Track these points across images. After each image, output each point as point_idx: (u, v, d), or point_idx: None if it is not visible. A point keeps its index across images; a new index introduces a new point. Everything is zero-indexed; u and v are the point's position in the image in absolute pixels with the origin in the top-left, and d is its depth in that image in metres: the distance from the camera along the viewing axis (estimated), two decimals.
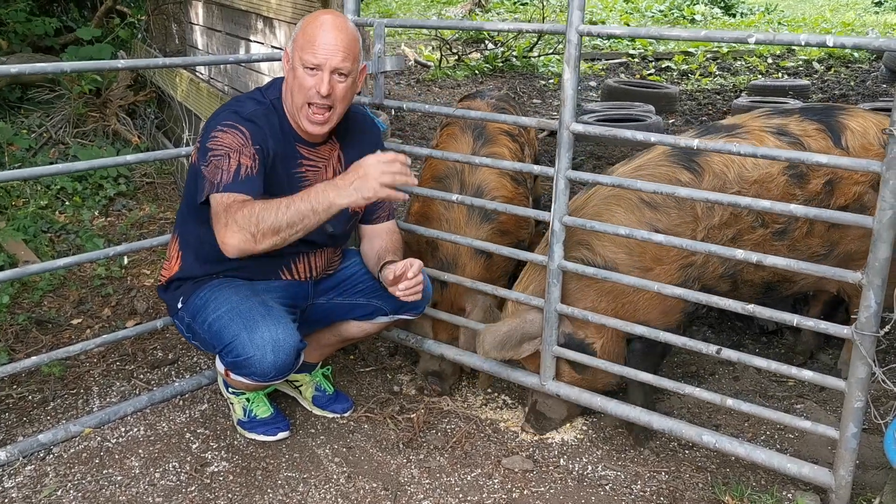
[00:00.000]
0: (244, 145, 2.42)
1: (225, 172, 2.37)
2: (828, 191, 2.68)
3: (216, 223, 2.34)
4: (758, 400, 3.16)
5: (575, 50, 2.50)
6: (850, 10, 17.89)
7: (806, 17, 16.92)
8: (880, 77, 10.42)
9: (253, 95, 2.61)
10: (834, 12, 17.66)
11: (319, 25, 2.43)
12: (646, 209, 2.68)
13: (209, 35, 4.73)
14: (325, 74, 2.41)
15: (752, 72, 11.24)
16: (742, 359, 2.43)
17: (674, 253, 2.66)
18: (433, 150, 3.12)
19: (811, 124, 2.74)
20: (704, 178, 2.65)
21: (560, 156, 2.60)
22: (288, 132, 2.55)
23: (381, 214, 2.82)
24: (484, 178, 3.26)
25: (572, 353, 2.77)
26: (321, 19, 2.45)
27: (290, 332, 2.46)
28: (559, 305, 2.72)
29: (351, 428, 2.93)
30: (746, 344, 3.65)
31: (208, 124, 2.51)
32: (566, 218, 2.64)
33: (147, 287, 4.01)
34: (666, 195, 2.56)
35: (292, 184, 2.54)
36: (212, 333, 2.51)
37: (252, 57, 2.94)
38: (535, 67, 11.30)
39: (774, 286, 2.86)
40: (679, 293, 2.48)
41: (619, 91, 8.75)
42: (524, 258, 2.81)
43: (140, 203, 5.13)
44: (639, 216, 2.68)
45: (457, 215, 3.23)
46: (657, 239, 2.50)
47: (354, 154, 2.67)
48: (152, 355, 3.40)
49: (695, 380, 3.35)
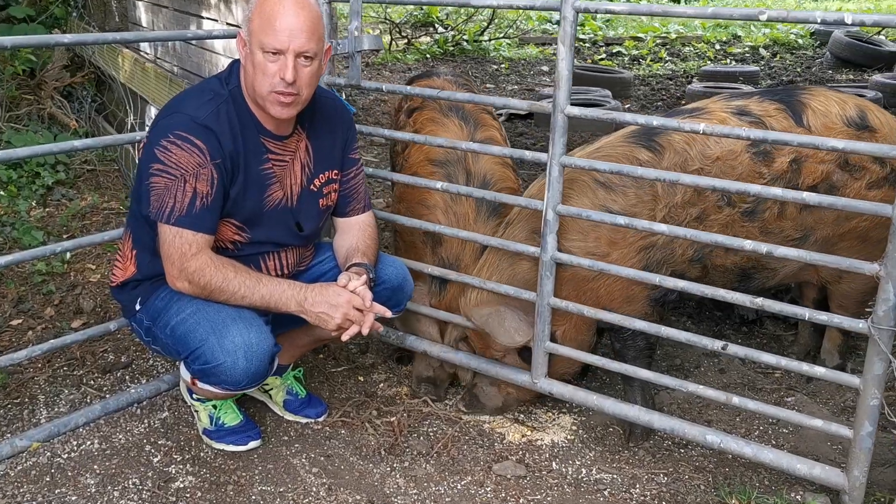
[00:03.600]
0: (201, 164, 2.19)
1: (178, 202, 2.19)
2: (794, 170, 2.61)
3: (165, 260, 2.23)
4: (747, 393, 3.05)
5: (570, 27, 2.32)
6: None
7: (748, 2, 17.11)
8: (825, 63, 10.53)
9: (211, 86, 2.34)
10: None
11: (278, 5, 2.17)
12: (600, 190, 2.59)
13: (155, 11, 4.42)
14: (288, 59, 2.17)
15: (700, 58, 11.27)
16: (750, 355, 2.29)
17: (630, 235, 2.57)
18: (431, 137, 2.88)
19: (771, 104, 2.69)
20: (665, 157, 2.57)
21: (554, 140, 2.42)
22: (250, 125, 2.31)
23: (355, 207, 2.60)
24: (489, 167, 3.05)
25: (565, 350, 2.62)
26: None
27: (264, 335, 2.24)
28: (552, 299, 2.56)
29: (327, 434, 2.73)
30: (728, 334, 3.55)
31: (160, 123, 2.26)
32: (560, 207, 2.47)
33: (93, 283, 3.72)
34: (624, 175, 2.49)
35: (260, 185, 2.33)
36: (175, 338, 2.28)
37: (213, 33, 2.68)
38: (486, 52, 11.14)
39: (750, 274, 2.75)
40: (682, 286, 2.34)
41: (573, 76, 8.63)
42: (514, 249, 2.63)
43: (81, 192, 4.79)
44: (592, 198, 2.58)
45: (465, 209, 2.98)
46: (660, 229, 2.35)
47: (325, 143, 2.46)
48: (103, 358, 3.13)
49: (680, 373, 3.23)
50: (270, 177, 2.36)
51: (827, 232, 2.72)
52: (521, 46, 11.80)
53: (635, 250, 2.59)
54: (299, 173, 2.42)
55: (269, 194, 2.36)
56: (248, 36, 2.23)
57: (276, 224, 2.40)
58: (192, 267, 2.20)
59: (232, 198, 2.29)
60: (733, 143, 2.58)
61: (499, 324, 2.63)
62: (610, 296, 2.64)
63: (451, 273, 2.81)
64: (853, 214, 2.64)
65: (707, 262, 2.67)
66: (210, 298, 2.24)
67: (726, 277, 2.74)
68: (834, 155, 2.61)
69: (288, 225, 2.42)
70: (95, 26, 5.38)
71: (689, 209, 2.59)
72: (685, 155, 2.58)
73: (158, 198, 2.22)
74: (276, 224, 2.40)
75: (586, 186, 2.61)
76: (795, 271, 2.87)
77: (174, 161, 2.20)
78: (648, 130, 2.63)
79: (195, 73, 4.02)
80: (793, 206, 2.63)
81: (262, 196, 2.35)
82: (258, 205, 2.35)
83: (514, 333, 2.61)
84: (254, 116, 2.31)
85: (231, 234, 2.34)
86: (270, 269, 2.45)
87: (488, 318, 2.66)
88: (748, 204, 2.61)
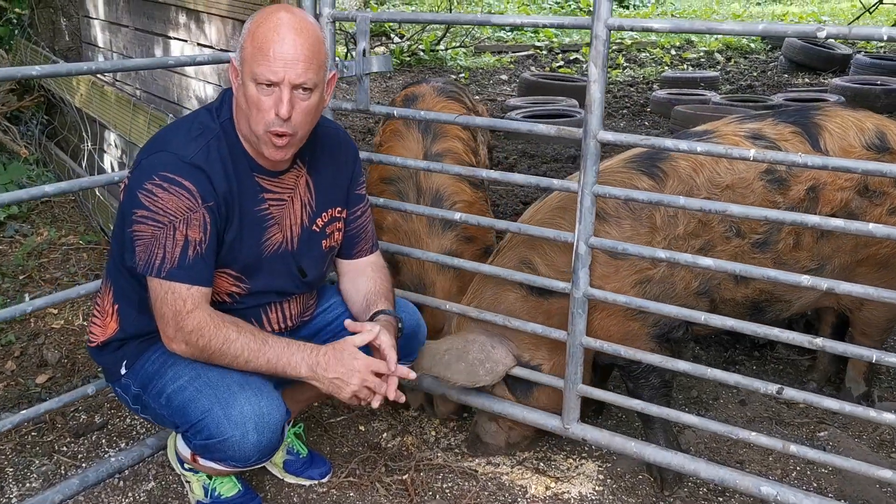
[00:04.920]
0: (192, 209, 1.93)
1: (168, 252, 1.92)
2: (811, 198, 2.49)
3: (158, 319, 1.97)
4: (776, 428, 2.88)
5: (603, 47, 2.10)
6: (734, 2, 18.36)
7: (696, 9, 17.23)
8: (780, 67, 10.58)
9: (200, 119, 2.06)
10: (720, 4, 18.07)
11: (272, 29, 1.90)
12: None
13: (113, 31, 4.10)
14: (283, 92, 1.91)
15: (657, 63, 11.24)
16: (810, 400, 2.10)
17: (623, 269, 2.41)
18: (420, 162, 2.67)
19: (787, 127, 2.55)
20: (668, 184, 2.42)
21: (585, 169, 2.21)
22: (243, 162, 2.04)
23: (363, 247, 2.34)
24: (441, 181, 2.94)
25: (600, 392, 2.41)
26: (274, 20, 1.92)
27: (275, 402, 1.98)
28: (585, 338, 2.34)
29: (335, 498, 2.46)
30: (740, 360, 3.39)
31: (143, 163, 1.98)
32: (594, 240, 2.25)
33: (56, 331, 3.38)
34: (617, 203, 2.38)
35: (257, 229, 2.07)
36: (172, 409, 2.00)
37: (197, 59, 2.39)
38: (443, 61, 10.95)
39: (763, 307, 2.60)
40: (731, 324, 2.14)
41: (536, 85, 8.51)
42: (542, 285, 2.41)
43: (36, 227, 4.42)
44: None
45: (416, 226, 2.89)
46: (705, 263, 2.14)
47: (328, 178, 2.21)
48: (74, 419, 2.82)
49: (699, 406, 3.04)
50: (268, 218, 2.09)
51: (845, 259, 2.59)
52: (477, 55, 11.64)
53: (629, 285, 2.42)
54: (299, 212, 2.16)
55: (268, 238, 2.10)
56: (240, 64, 1.96)
57: (276, 271, 2.13)
58: (188, 326, 1.93)
59: (227, 244, 2.02)
60: (745, 169, 2.44)
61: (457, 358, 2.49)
62: (605, 331, 2.46)
63: (471, 310, 2.58)
64: (872, 241, 2.53)
65: (715, 296, 2.51)
66: (210, 362, 1.97)
67: (736, 311, 2.58)
68: (853, 181, 2.49)
69: (289, 271, 2.16)
70: (44, 46, 5.00)
71: (691, 241, 2.43)
72: (691, 183, 2.42)
73: (145, 248, 1.94)
74: (276, 271, 2.13)
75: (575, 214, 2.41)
76: (813, 301, 2.72)
77: (161, 206, 1.93)
78: (651, 155, 2.47)
79: (161, 97, 3.72)
80: (809, 236, 2.49)
81: (260, 240, 2.09)
82: (256, 250, 2.08)
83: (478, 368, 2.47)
84: (246, 153, 2.05)
85: (228, 285, 2.08)
86: (273, 321, 2.18)
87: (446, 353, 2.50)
88: (760, 234, 2.46)
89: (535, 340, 2.55)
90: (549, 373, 2.55)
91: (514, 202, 5.29)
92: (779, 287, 2.52)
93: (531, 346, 2.57)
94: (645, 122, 7.72)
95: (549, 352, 2.56)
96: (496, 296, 2.59)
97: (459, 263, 2.62)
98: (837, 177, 2.47)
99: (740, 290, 2.53)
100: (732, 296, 2.53)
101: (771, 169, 2.46)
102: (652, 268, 2.41)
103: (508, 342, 2.58)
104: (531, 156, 6.42)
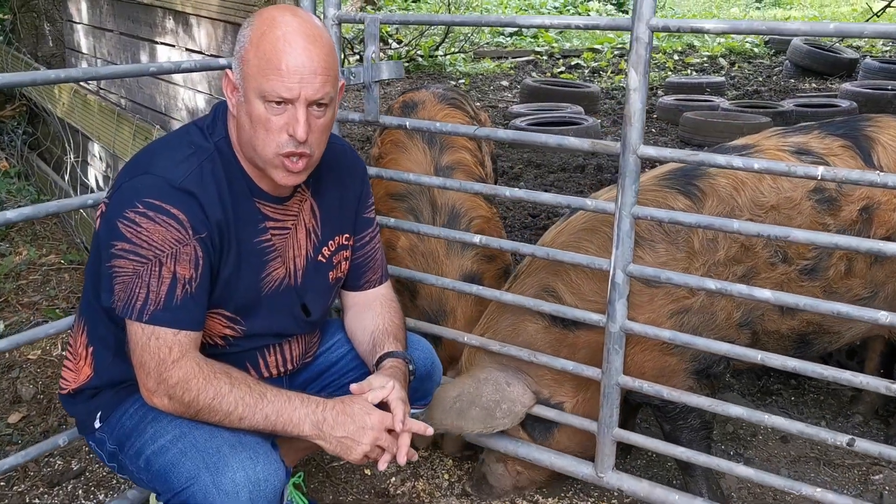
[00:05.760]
0: (181, 241, 1.65)
1: (153, 292, 1.64)
2: (865, 219, 2.26)
3: (138, 368, 1.68)
4: (824, 470, 2.61)
5: (645, 50, 1.85)
6: (733, 6, 18.19)
7: (695, 13, 17.03)
8: (785, 72, 10.36)
9: (191, 137, 1.77)
10: (720, 8, 17.90)
11: (282, 39, 1.62)
12: None
13: (97, 36, 3.83)
14: (299, 111, 1.64)
15: (660, 68, 11.00)
16: (887, 454, 1.83)
17: (659, 298, 2.18)
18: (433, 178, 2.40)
19: (835, 140, 2.33)
20: (706, 204, 2.20)
21: (624, 187, 1.94)
22: (242, 187, 1.77)
23: (371, 278, 2.06)
24: (457, 196, 2.71)
25: (637, 437, 2.15)
26: (282, 28, 1.64)
27: (273, 464, 1.69)
28: (622, 378, 2.08)
29: None
30: (776, 390, 3.13)
31: (124, 187, 1.70)
32: (632, 267, 1.99)
33: (33, 363, 3.10)
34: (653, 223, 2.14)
35: (257, 263, 1.79)
36: (152, 473, 1.71)
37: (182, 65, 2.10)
38: (442, 66, 10.70)
39: (810, 340, 2.36)
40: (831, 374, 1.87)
41: (540, 91, 8.27)
42: (574, 317, 2.14)
43: (15, 245, 4.14)
44: None
45: (433, 246, 2.66)
46: (763, 296, 1.88)
47: (334, 201, 1.94)
48: (49, 465, 2.54)
49: (736, 443, 2.78)
50: (270, 250, 1.82)
51: None
52: (476, 61, 11.39)
53: (665, 315, 2.19)
54: (304, 242, 1.89)
55: (268, 273, 1.83)
56: (240, 79, 1.68)
57: (277, 310, 1.86)
58: (173, 378, 1.65)
59: (222, 281, 1.75)
60: (791, 189, 2.22)
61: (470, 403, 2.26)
62: (639, 368, 2.23)
63: (493, 343, 2.31)
64: None
65: (757, 328, 2.28)
66: (197, 419, 1.69)
67: (780, 344, 2.35)
68: None
69: (291, 309, 1.88)
70: (27, 52, 4.73)
71: (733, 267, 2.20)
72: (732, 203, 2.20)
73: (125, 287, 1.67)
74: (277, 310, 1.86)
75: (606, 238, 2.20)
76: (864, 332, 2.48)
77: (145, 238, 1.65)
78: (687, 172, 2.24)
79: (148, 107, 3.44)
80: (863, 261, 2.27)
81: (260, 276, 1.81)
82: (255, 288, 1.81)
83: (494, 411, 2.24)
84: (246, 175, 1.78)
85: (221, 327, 1.80)
86: (271, 365, 1.91)
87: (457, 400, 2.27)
88: (808, 260, 2.23)
89: (556, 376, 2.30)
90: (572, 412, 2.31)
91: (523, 215, 5.03)
92: (828, 318, 2.27)
93: (552, 383, 2.33)
94: (652, 129, 7.48)
95: (574, 388, 2.32)
96: (514, 326, 2.35)
97: (478, 291, 2.35)
98: (893, 195, 2.25)
99: (786, 322, 2.29)
100: (777, 328, 2.30)
101: (820, 187, 2.23)
102: (690, 296, 2.17)
103: (525, 376, 2.33)
104: (537, 165, 6.16)
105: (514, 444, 2.34)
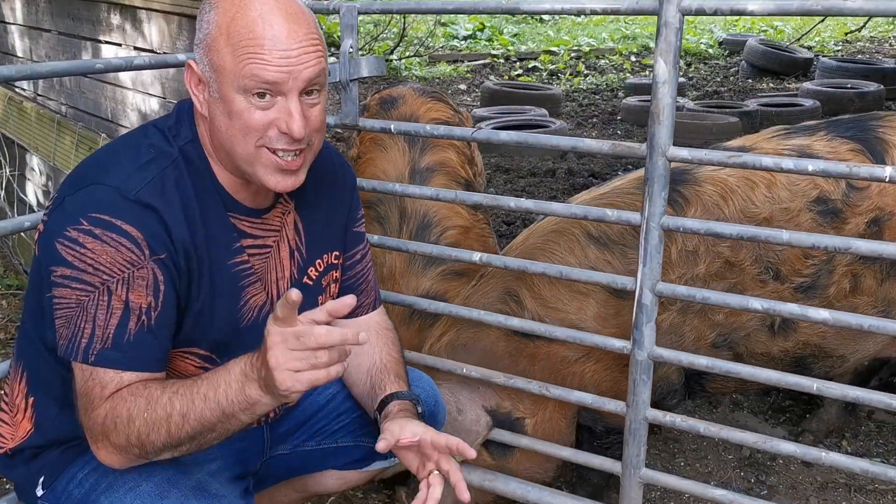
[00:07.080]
0: (134, 263, 1.35)
1: (99, 327, 1.34)
2: (874, 232, 2.07)
3: (82, 414, 1.38)
4: (855, 496, 2.41)
5: (675, 37, 1.61)
6: None
7: None
8: (742, 72, 10.35)
9: (151, 140, 1.47)
10: None
11: (259, 20, 1.34)
12: (592, 247, 2.11)
13: (33, 37, 3.48)
14: (291, 102, 1.36)
15: (618, 70, 10.92)
16: None
17: (625, 312, 1.99)
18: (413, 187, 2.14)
19: (843, 143, 2.15)
20: (688, 213, 2.03)
21: (652, 196, 1.70)
22: (214, 200, 1.47)
23: (362, 302, 1.77)
24: (430, 203, 2.46)
25: (670, 479, 1.91)
26: (256, 7, 1.35)
27: None
28: (650, 412, 1.83)
29: None
30: (788, 406, 2.94)
31: (66, 201, 1.40)
32: (661, 286, 1.74)
33: None
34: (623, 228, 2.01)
35: (232, 290, 1.50)
36: None
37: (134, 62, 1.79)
38: (397, 71, 10.43)
39: (809, 363, 2.18)
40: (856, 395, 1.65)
41: (500, 94, 8.08)
42: (594, 343, 1.90)
43: None
44: (581, 256, 2.11)
45: (391, 260, 2.41)
46: (755, 306, 1.65)
47: (321, 214, 1.66)
48: None
49: (755, 469, 2.57)
50: (247, 274, 1.53)
51: None
52: (431, 64, 11.16)
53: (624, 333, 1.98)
54: (287, 262, 1.61)
55: (245, 301, 1.54)
56: (210, 71, 1.39)
57: (257, 344, 1.56)
58: (112, 432, 1.34)
59: (192, 316, 1.46)
60: (789, 198, 2.04)
61: None
62: (597, 384, 2.10)
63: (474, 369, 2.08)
64: None
65: (741, 349, 2.10)
66: (147, 449, 1.35)
67: (773, 367, 2.13)
68: None
69: None
70: None
71: (713, 283, 2.02)
72: (717, 213, 2.03)
73: (68, 322, 1.36)
74: (257, 344, 1.56)
75: (574, 241, 2.09)
76: (873, 353, 2.29)
77: (90, 261, 1.34)
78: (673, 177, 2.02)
79: (92, 114, 3.10)
80: (872, 277, 2.08)
81: (237, 306, 1.52)
82: (231, 320, 1.52)
83: None
84: (218, 186, 1.49)
85: (193, 368, 1.51)
86: None
87: None
88: (805, 277, 2.04)
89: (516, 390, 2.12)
90: (533, 428, 2.17)
91: (496, 222, 4.78)
92: (829, 340, 2.08)
93: (513, 394, 2.16)
94: (618, 131, 7.33)
95: (533, 403, 2.17)
96: (476, 332, 2.19)
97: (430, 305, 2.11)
98: None
99: (777, 344, 2.11)
100: (766, 349, 2.12)
101: (823, 198, 2.04)
102: (661, 312, 1.97)
103: (481, 389, 2.15)
104: (506, 170, 5.94)
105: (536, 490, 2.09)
